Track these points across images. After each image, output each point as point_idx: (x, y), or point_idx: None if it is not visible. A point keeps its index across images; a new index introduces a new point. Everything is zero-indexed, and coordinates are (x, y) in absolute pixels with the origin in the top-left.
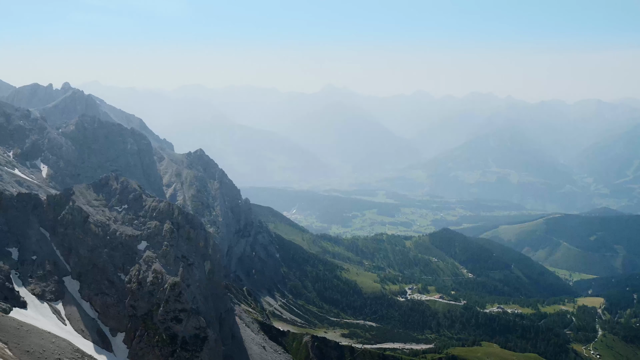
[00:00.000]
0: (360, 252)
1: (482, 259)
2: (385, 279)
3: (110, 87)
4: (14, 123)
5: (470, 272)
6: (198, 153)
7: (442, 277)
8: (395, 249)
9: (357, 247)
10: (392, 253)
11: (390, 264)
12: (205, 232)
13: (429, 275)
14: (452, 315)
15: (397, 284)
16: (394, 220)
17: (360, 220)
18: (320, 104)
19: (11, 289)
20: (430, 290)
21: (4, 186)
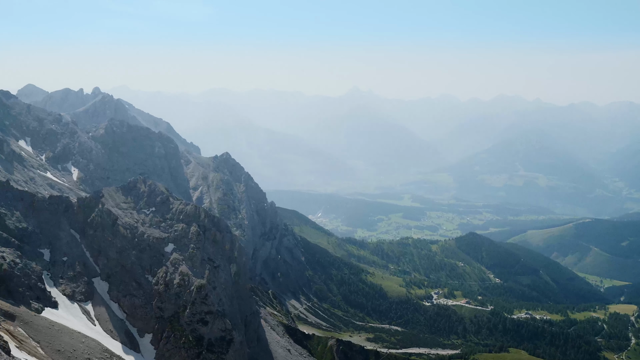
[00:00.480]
0: (385, 255)
1: (510, 263)
2: (411, 283)
3: (138, 92)
4: (47, 127)
5: (497, 277)
6: (224, 156)
7: (469, 282)
8: (421, 253)
9: (383, 250)
10: (417, 257)
11: (416, 268)
12: (231, 235)
13: (455, 280)
14: (478, 320)
15: (423, 288)
16: (419, 224)
17: (386, 223)
18: (345, 107)
19: (43, 289)
20: (456, 295)
21: (37, 189)
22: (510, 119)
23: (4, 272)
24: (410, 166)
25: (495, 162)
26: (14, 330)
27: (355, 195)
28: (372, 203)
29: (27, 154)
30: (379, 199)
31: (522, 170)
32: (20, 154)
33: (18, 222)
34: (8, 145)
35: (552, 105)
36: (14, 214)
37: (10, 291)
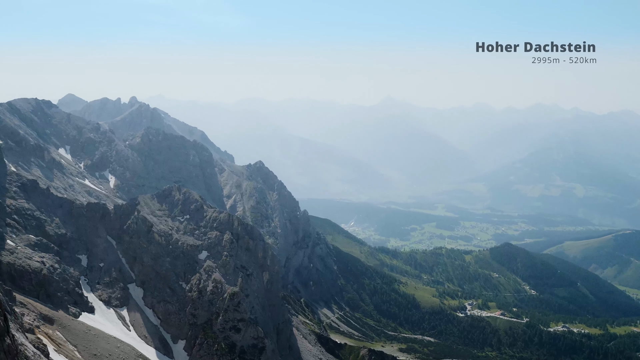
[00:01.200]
0: (418, 265)
1: (546, 275)
2: (444, 293)
3: (173, 101)
4: (85, 136)
5: (532, 289)
6: (257, 165)
7: (504, 293)
8: (455, 263)
9: (416, 260)
10: (451, 267)
11: (450, 278)
12: (264, 243)
13: (490, 291)
14: (513, 332)
15: (457, 299)
16: (453, 234)
17: (419, 233)
18: (379, 117)
19: (80, 295)
20: (490, 306)
21: (75, 196)
22: (547, 128)
23: (43, 277)
24: (444, 175)
25: (531, 171)
26: (53, 334)
27: (389, 204)
28: (405, 212)
29: (66, 162)
30: (412, 208)
31: (558, 180)
32: (60, 162)
33: (57, 228)
34: (49, 153)
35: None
36: (54, 220)
37: (50, 295)
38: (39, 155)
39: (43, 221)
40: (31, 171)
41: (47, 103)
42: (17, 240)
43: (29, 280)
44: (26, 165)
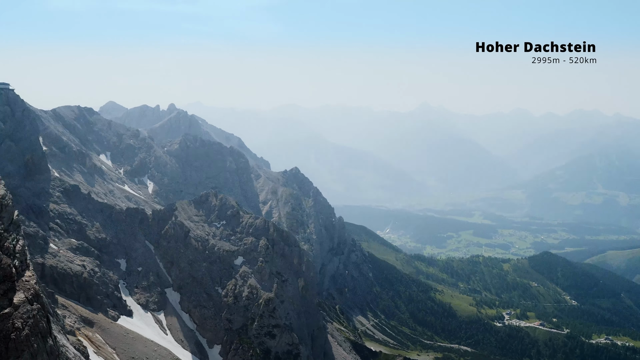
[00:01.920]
0: (455, 273)
1: (587, 285)
2: (481, 302)
3: (211, 108)
4: (125, 142)
5: (573, 299)
6: (293, 171)
7: (543, 303)
8: (492, 271)
9: (452, 268)
10: (488, 276)
11: (487, 287)
12: (300, 249)
13: (528, 301)
14: (553, 344)
15: (494, 308)
16: (490, 241)
17: (456, 241)
18: (415, 123)
19: (119, 298)
20: (529, 316)
21: (115, 201)
22: (588, 135)
23: (84, 280)
24: (481, 182)
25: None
26: (92, 336)
27: (425, 212)
28: (441, 219)
29: (107, 168)
30: (449, 216)
31: (600, 188)
32: (101, 168)
33: (97, 233)
34: (90, 160)
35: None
36: (94, 224)
37: (90, 298)
38: (81, 161)
39: (84, 226)
40: (73, 177)
41: (89, 110)
42: (59, 244)
43: (70, 283)
44: (69, 171)
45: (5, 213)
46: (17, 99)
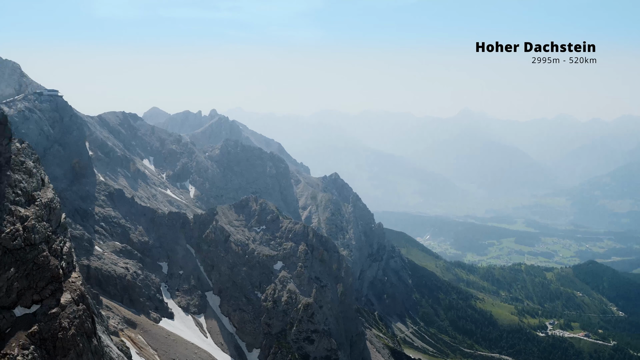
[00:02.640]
0: (496, 281)
1: (636, 296)
2: (523, 311)
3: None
4: (168, 147)
5: (620, 310)
6: (333, 177)
7: (588, 314)
8: (535, 280)
9: (493, 276)
10: (531, 284)
11: (529, 295)
12: (339, 254)
13: (572, 311)
14: (599, 356)
15: (537, 317)
16: (533, 249)
17: (497, 248)
18: (456, 129)
19: (161, 301)
20: (573, 326)
21: (158, 205)
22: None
23: (127, 282)
24: (523, 189)
25: (618, 186)
26: (135, 338)
27: (465, 218)
28: (482, 226)
29: (150, 172)
30: (490, 223)
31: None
32: (144, 172)
33: (141, 236)
34: (134, 164)
35: None
36: (137, 228)
37: (133, 300)
38: (125, 166)
39: (128, 229)
40: (118, 181)
41: (133, 116)
42: (104, 246)
43: (114, 285)
44: (113, 175)
45: (53, 216)
46: (65, 105)
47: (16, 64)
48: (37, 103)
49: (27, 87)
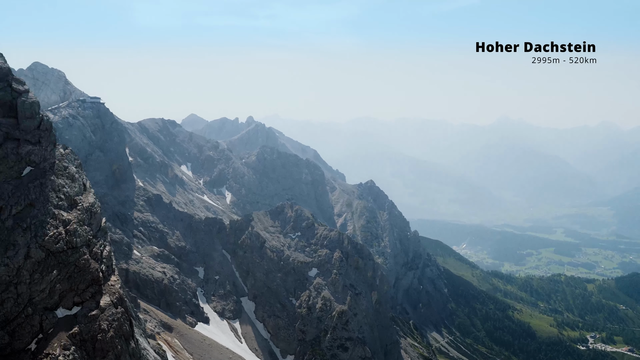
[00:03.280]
0: (534, 292)
1: None
2: (563, 323)
3: (288, 120)
4: (205, 154)
5: None
6: (368, 184)
7: (632, 328)
8: (575, 292)
9: (532, 287)
10: (571, 296)
11: (569, 307)
12: (374, 262)
13: (615, 324)
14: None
15: (577, 330)
16: (573, 260)
17: (535, 258)
18: (494, 136)
19: (197, 305)
20: (616, 340)
21: (195, 210)
22: None
23: (164, 286)
24: (563, 198)
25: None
26: (171, 341)
27: (503, 227)
28: (520, 236)
29: (187, 178)
30: (528, 232)
31: None
32: (182, 178)
33: (178, 241)
34: (172, 170)
35: None
36: (175, 233)
37: (169, 304)
38: (164, 172)
39: (165, 234)
40: (156, 186)
41: (172, 123)
42: (142, 250)
43: (151, 289)
44: (152, 180)
45: (94, 220)
46: (107, 112)
47: (61, 73)
48: (80, 110)
49: (71, 95)
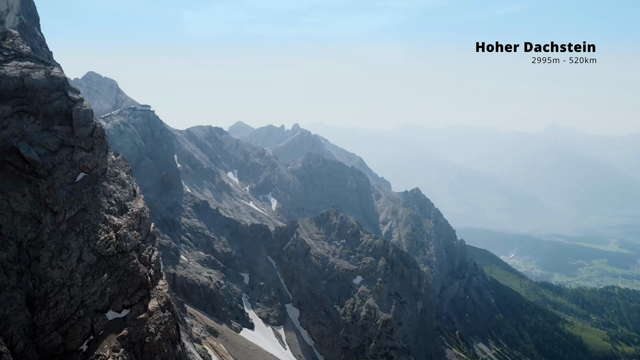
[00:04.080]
0: (586, 305)
1: None
2: (617, 337)
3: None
4: (251, 161)
5: None
6: (414, 192)
7: None
8: (630, 305)
9: (583, 299)
10: (625, 309)
11: (623, 321)
12: (419, 271)
13: None
14: None
15: (633, 345)
16: (628, 272)
17: (587, 269)
18: (543, 144)
19: (242, 311)
20: None
21: (241, 217)
22: None
23: (210, 291)
24: (617, 208)
25: None
26: (217, 346)
27: (552, 237)
28: (571, 246)
29: (234, 185)
30: (580, 242)
31: None
32: (229, 185)
33: (224, 247)
34: (219, 177)
35: None
36: (221, 239)
37: (215, 309)
38: (211, 178)
39: (212, 239)
40: (203, 192)
41: (219, 130)
42: (189, 256)
43: (198, 294)
44: (199, 187)
45: (143, 225)
46: (156, 120)
47: (114, 81)
48: (131, 118)
49: (122, 103)
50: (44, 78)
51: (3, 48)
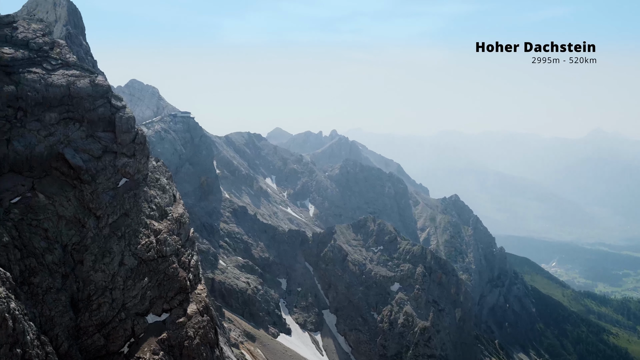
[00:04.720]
0: (632, 315)
1: None
2: None
3: (371, 134)
4: (289, 167)
5: None
6: (452, 199)
7: None
8: None
9: (629, 309)
10: None
11: None
12: (457, 278)
13: None
14: None
15: None
16: None
17: (634, 279)
18: (587, 150)
19: (279, 316)
20: None
21: (278, 222)
22: None
23: (248, 296)
24: None
25: None
26: (254, 351)
27: (596, 246)
28: (616, 255)
29: (272, 191)
30: (625, 251)
31: None
32: (267, 191)
33: (262, 252)
34: (257, 182)
35: None
36: (259, 244)
37: (253, 314)
38: (249, 184)
39: (250, 245)
40: (242, 198)
41: (258, 136)
42: (227, 261)
43: (235, 299)
44: (238, 192)
45: (183, 230)
46: (196, 126)
47: (155, 89)
48: (172, 124)
49: (163, 110)
50: (88, 86)
51: (51, 57)
